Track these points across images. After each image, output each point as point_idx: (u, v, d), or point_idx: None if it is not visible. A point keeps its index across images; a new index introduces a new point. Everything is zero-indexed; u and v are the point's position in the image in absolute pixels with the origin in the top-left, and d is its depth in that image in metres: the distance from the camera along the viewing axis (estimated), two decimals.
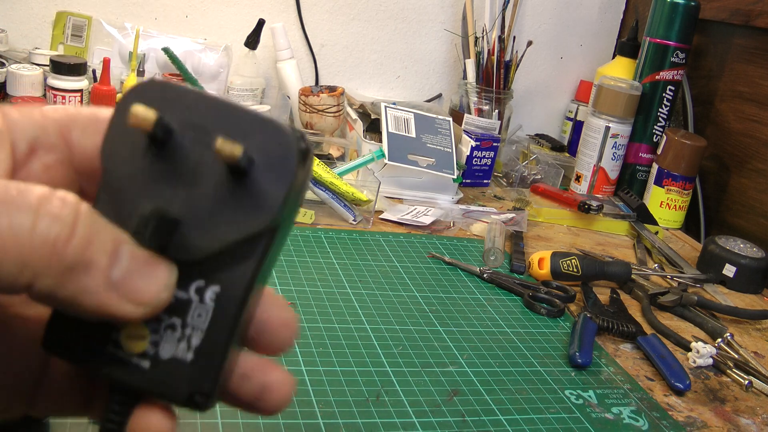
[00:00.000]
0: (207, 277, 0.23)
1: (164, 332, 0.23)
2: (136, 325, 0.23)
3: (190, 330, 0.23)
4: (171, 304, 0.23)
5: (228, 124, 0.23)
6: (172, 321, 0.23)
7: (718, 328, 0.82)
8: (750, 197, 1.16)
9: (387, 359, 0.64)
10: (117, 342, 0.23)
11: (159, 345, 0.23)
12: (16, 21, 1.19)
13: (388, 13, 1.37)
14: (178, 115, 0.23)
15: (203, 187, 0.23)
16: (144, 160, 0.23)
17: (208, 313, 0.23)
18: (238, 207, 0.23)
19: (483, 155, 1.22)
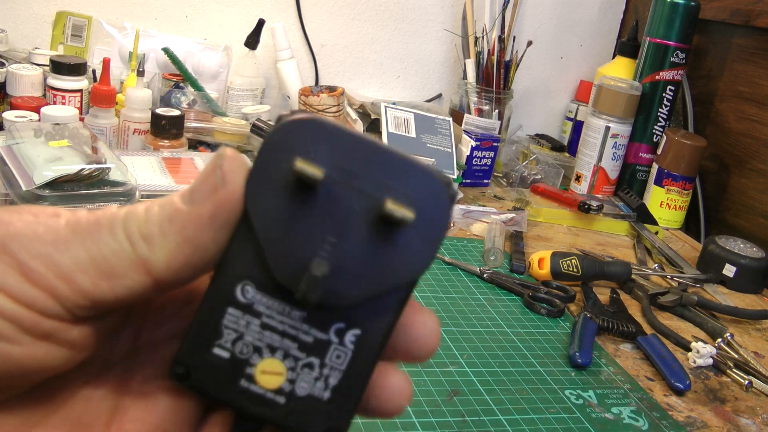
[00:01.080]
0: (348, 321, 0.24)
1: (302, 371, 0.24)
2: (274, 362, 0.24)
3: (328, 370, 0.24)
4: (310, 344, 0.24)
5: (379, 169, 0.23)
6: (310, 360, 0.24)
7: (718, 328, 0.82)
8: (750, 197, 1.16)
9: None
10: (251, 377, 0.24)
11: (295, 383, 0.24)
12: (16, 21, 1.19)
13: (388, 13, 1.37)
14: (329, 157, 0.23)
15: (354, 235, 0.23)
16: (291, 204, 0.23)
17: (347, 356, 0.24)
18: (389, 259, 0.23)
19: (483, 155, 1.22)
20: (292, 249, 0.23)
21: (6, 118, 0.89)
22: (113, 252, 0.21)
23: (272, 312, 0.24)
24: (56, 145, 0.78)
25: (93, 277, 0.21)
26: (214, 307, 0.24)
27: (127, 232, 0.22)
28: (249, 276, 0.23)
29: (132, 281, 0.22)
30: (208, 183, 0.22)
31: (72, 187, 0.73)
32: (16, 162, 0.75)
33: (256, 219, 0.23)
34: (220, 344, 0.24)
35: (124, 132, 0.99)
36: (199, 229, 0.22)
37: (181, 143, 0.97)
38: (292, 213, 0.23)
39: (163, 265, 0.22)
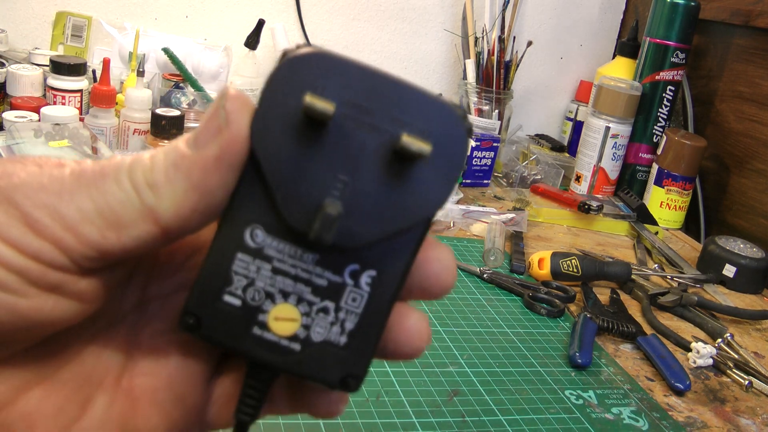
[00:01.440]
0: (363, 262, 0.23)
1: (316, 316, 0.23)
2: (287, 308, 0.23)
3: (344, 314, 0.23)
4: (324, 288, 0.23)
5: (391, 102, 0.22)
6: (325, 304, 0.23)
7: (718, 329, 0.82)
8: (750, 197, 1.16)
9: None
10: (264, 324, 0.23)
11: (310, 328, 0.23)
12: (16, 21, 1.19)
13: (388, 13, 1.37)
14: (338, 92, 0.22)
15: (367, 172, 0.22)
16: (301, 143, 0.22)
17: (363, 298, 0.23)
18: (405, 196, 0.22)
19: (483, 155, 1.22)
20: (302, 189, 0.22)
21: (6, 119, 0.89)
22: (119, 202, 0.21)
23: (283, 256, 0.23)
24: (56, 146, 0.78)
25: (100, 228, 0.21)
26: (222, 253, 0.23)
27: (132, 180, 0.21)
28: (258, 219, 0.23)
29: (140, 231, 0.21)
30: (212, 125, 0.21)
31: None
32: None
33: (264, 159, 0.22)
34: (231, 291, 0.23)
35: (124, 132, 0.99)
36: (205, 174, 0.21)
37: None
38: (302, 152, 0.22)
39: (170, 213, 0.21)
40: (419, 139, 0.22)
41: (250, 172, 0.22)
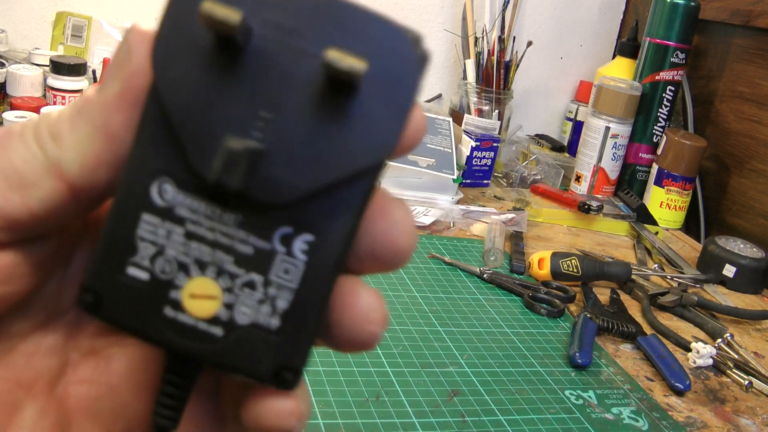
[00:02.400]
0: (296, 224, 0.18)
1: (240, 291, 0.19)
2: (204, 282, 0.18)
3: (275, 289, 0.19)
4: (250, 256, 0.18)
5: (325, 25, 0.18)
6: (250, 277, 0.18)
7: (718, 329, 0.82)
8: (750, 197, 1.16)
9: (387, 359, 0.64)
10: (177, 303, 0.18)
11: (234, 307, 0.19)
12: (16, 21, 1.19)
13: (388, 13, 1.37)
14: (256, 8, 0.18)
15: (295, 108, 0.18)
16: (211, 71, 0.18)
17: (297, 269, 0.19)
18: (343, 135, 0.18)
19: (483, 155, 1.22)
20: (214, 128, 0.18)
21: (6, 119, 0.89)
22: (22, 159, 0.18)
23: (199, 217, 0.18)
24: None
25: (2, 190, 0.18)
26: (124, 214, 0.18)
27: (36, 135, 0.19)
28: (166, 170, 0.18)
29: (44, 190, 0.18)
30: (115, 62, 0.19)
31: None
32: None
33: (167, 94, 0.18)
34: (136, 262, 0.19)
35: None
36: (107, 114, 0.18)
37: None
38: (214, 83, 0.18)
39: (74, 164, 0.18)
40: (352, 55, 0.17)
41: (153, 111, 0.18)
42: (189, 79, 0.18)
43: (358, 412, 0.56)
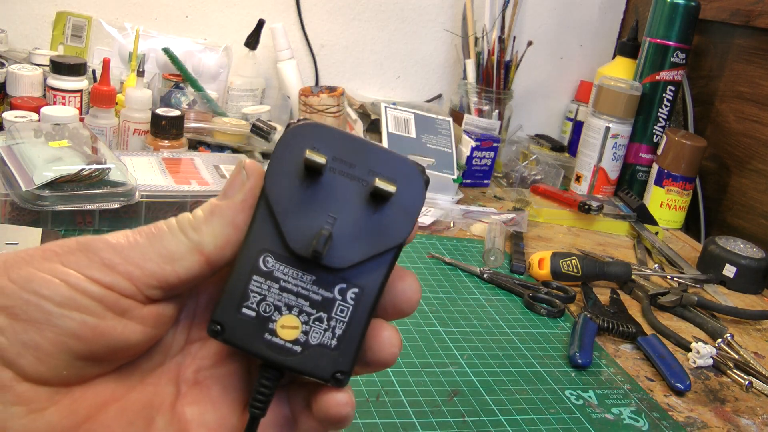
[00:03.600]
0: (348, 281, 0.29)
1: (313, 324, 0.29)
2: (291, 318, 0.29)
3: (335, 322, 0.29)
4: (319, 302, 0.29)
5: (367, 159, 0.30)
6: (320, 315, 0.29)
7: (718, 329, 0.82)
8: (750, 197, 1.16)
9: None
10: (273, 331, 0.29)
11: (308, 334, 0.29)
12: (16, 21, 1.19)
13: (388, 13, 1.37)
14: (328, 151, 0.29)
15: (350, 210, 0.29)
16: (301, 187, 0.29)
17: (348, 309, 0.29)
18: (379, 227, 0.29)
19: (483, 155, 1.22)
20: (302, 223, 0.29)
21: (6, 118, 0.89)
22: (172, 242, 0.28)
23: (288, 277, 0.29)
24: (56, 146, 0.78)
25: (158, 263, 0.28)
26: (242, 275, 0.29)
27: (181, 227, 0.29)
28: (269, 249, 0.29)
29: (189, 261, 0.28)
30: (237, 180, 0.30)
31: (72, 187, 0.73)
32: (16, 162, 0.75)
33: (274, 202, 0.29)
34: (248, 305, 0.29)
35: (124, 132, 0.99)
36: (235, 214, 0.29)
37: (181, 143, 0.97)
38: (302, 195, 0.29)
39: (211, 245, 0.29)
40: (388, 182, 0.29)
41: (263, 212, 0.29)
42: (287, 192, 0.29)
43: (358, 412, 0.56)
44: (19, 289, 0.26)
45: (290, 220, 0.29)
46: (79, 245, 0.28)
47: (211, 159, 0.93)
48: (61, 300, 0.27)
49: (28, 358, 0.26)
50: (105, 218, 0.78)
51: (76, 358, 0.27)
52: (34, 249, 0.28)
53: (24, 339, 0.26)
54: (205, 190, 0.82)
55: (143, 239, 0.28)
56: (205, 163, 0.91)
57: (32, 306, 0.26)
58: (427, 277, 0.83)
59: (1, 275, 0.27)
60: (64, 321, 0.27)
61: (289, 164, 0.29)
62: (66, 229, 0.77)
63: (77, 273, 0.27)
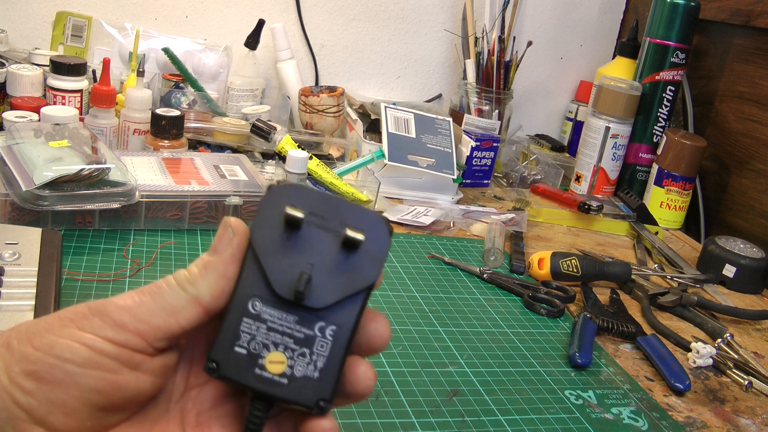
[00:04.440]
0: (326, 320, 0.33)
1: (297, 358, 0.33)
2: (278, 354, 0.33)
3: (316, 356, 0.33)
4: (302, 339, 0.33)
5: (339, 213, 0.34)
6: (303, 350, 0.33)
7: (718, 329, 0.82)
8: (750, 197, 1.16)
9: (387, 359, 0.64)
10: (262, 366, 0.33)
11: (294, 367, 0.33)
12: (16, 21, 1.19)
13: (388, 13, 1.37)
14: (305, 207, 0.34)
15: (326, 258, 0.33)
16: (282, 240, 0.33)
17: (328, 345, 0.33)
18: (351, 272, 0.33)
19: (483, 155, 1.22)
20: (285, 269, 0.33)
21: (6, 118, 0.89)
22: (173, 297, 0.32)
23: (274, 318, 0.33)
24: (56, 146, 0.78)
25: (163, 317, 0.32)
26: (234, 318, 0.33)
27: (179, 283, 0.33)
28: (257, 294, 0.33)
29: (189, 312, 0.32)
30: (225, 237, 0.33)
31: (72, 187, 0.73)
32: (16, 162, 0.75)
33: (259, 252, 0.33)
34: (239, 344, 0.33)
35: (124, 132, 0.99)
36: (226, 267, 0.33)
37: (181, 143, 0.97)
38: (284, 245, 0.33)
39: (208, 296, 0.32)
40: (357, 232, 0.33)
41: (250, 263, 0.33)
42: (271, 243, 0.33)
43: (358, 412, 0.56)
44: (44, 354, 0.30)
45: (274, 267, 0.33)
46: (91, 310, 0.31)
47: (211, 159, 0.93)
48: (82, 361, 0.30)
49: (57, 414, 0.30)
50: (105, 218, 0.78)
51: (98, 410, 0.31)
52: (51, 317, 0.32)
53: (51, 398, 0.30)
54: (205, 190, 0.82)
55: (147, 298, 0.32)
56: (205, 163, 0.91)
57: (57, 369, 0.30)
58: (427, 277, 0.83)
59: (25, 344, 0.30)
60: (86, 379, 0.30)
61: (271, 219, 0.33)
62: (66, 228, 0.77)
63: (93, 335, 0.31)
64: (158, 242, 0.78)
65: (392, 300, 0.76)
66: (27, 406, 0.30)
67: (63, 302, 0.61)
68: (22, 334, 0.31)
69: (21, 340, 0.31)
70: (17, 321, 0.35)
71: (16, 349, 0.30)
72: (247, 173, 0.90)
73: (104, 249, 0.75)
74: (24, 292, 0.56)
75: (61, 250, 0.67)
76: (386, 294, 0.77)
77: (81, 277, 0.68)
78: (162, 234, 0.80)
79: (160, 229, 0.81)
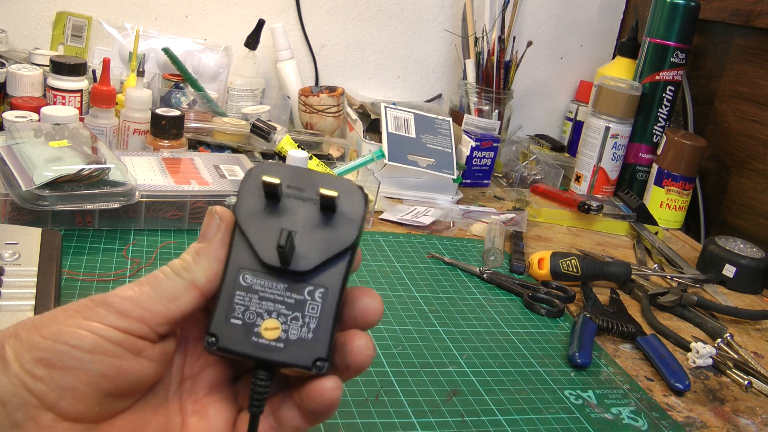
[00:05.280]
0: (314, 284, 0.35)
1: (291, 323, 0.34)
2: (272, 321, 0.34)
3: (308, 318, 0.35)
4: (293, 304, 0.35)
5: (314, 182, 0.36)
6: (295, 314, 0.35)
7: (717, 329, 0.82)
8: (750, 197, 1.16)
9: (386, 359, 0.64)
10: (259, 333, 0.34)
11: (288, 331, 0.34)
12: (16, 21, 1.19)
13: (388, 13, 1.37)
14: (282, 179, 0.36)
15: (307, 222, 0.35)
16: (265, 212, 0.35)
17: (318, 306, 0.35)
18: (332, 233, 0.35)
19: (483, 155, 1.22)
20: (269, 238, 0.35)
21: (6, 118, 0.89)
22: (171, 285, 0.34)
23: (265, 288, 0.35)
24: (56, 146, 0.78)
25: (164, 303, 0.34)
26: (227, 293, 0.35)
27: (175, 271, 0.35)
28: (246, 267, 0.35)
29: (188, 297, 0.34)
30: (212, 224, 0.36)
31: (72, 187, 0.73)
32: (16, 162, 0.75)
33: (244, 226, 0.35)
34: (235, 316, 0.34)
35: (124, 132, 0.99)
36: (216, 250, 0.35)
37: (181, 143, 0.97)
38: (266, 217, 0.35)
39: (203, 279, 0.35)
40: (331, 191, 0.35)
41: (237, 241, 0.35)
42: (254, 216, 0.35)
43: (358, 412, 0.56)
44: (53, 342, 0.31)
45: (258, 237, 0.35)
46: (94, 302, 0.33)
47: (211, 159, 0.93)
48: (89, 347, 0.31)
49: (67, 399, 0.31)
50: (105, 218, 0.78)
51: (106, 395, 0.32)
52: (55, 310, 0.33)
53: (62, 384, 0.31)
54: (205, 190, 0.82)
55: (147, 287, 0.34)
56: (205, 163, 0.91)
57: (66, 355, 0.31)
58: (427, 277, 0.83)
59: (33, 333, 0.32)
60: (94, 365, 0.32)
61: (252, 196, 0.36)
62: (66, 228, 0.77)
63: (99, 324, 0.32)
64: (158, 242, 0.78)
65: (392, 300, 0.76)
66: (38, 392, 0.31)
67: (63, 302, 0.61)
68: (29, 326, 0.32)
69: (29, 330, 0.32)
70: (17, 321, 0.35)
71: (25, 339, 0.31)
72: None
73: (104, 249, 0.75)
74: (24, 292, 0.57)
75: (61, 250, 0.67)
76: (386, 294, 0.77)
77: (81, 277, 0.68)
78: (162, 234, 0.80)
79: (160, 229, 0.81)
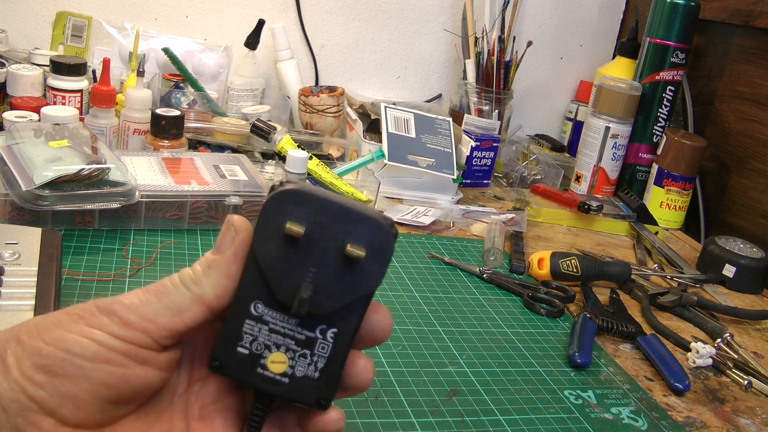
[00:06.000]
0: (327, 323, 0.34)
1: (298, 359, 0.34)
2: (279, 355, 0.34)
3: (317, 357, 0.34)
4: (303, 340, 0.34)
5: (343, 222, 0.33)
6: (304, 351, 0.34)
7: (717, 329, 0.82)
8: (750, 197, 1.16)
9: (386, 359, 0.64)
10: (264, 366, 0.34)
11: (294, 367, 0.34)
12: (16, 21, 1.19)
13: (388, 13, 1.37)
14: (307, 216, 0.33)
15: (328, 265, 0.33)
16: (283, 247, 0.33)
17: (329, 346, 0.34)
18: (352, 280, 0.33)
19: (483, 155, 1.22)
20: (286, 277, 0.33)
21: (6, 118, 0.89)
22: (178, 297, 0.33)
23: (276, 320, 0.34)
24: (56, 145, 0.78)
25: (168, 316, 0.32)
26: (236, 319, 0.34)
27: (183, 282, 0.33)
28: (259, 297, 0.33)
29: (194, 312, 0.33)
30: (228, 236, 0.34)
31: (72, 187, 0.73)
32: (16, 162, 0.75)
33: (261, 260, 0.33)
34: (242, 344, 0.34)
35: (124, 132, 0.99)
36: (229, 266, 0.33)
37: (181, 143, 0.97)
38: (285, 253, 0.33)
39: (212, 295, 0.33)
40: (358, 247, 0.33)
41: (252, 265, 0.33)
42: (273, 251, 0.33)
43: (358, 411, 0.56)
44: (55, 349, 0.31)
45: (276, 276, 0.33)
46: (98, 308, 0.32)
47: (211, 159, 0.93)
48: (91, 356, 0.31)
49: (68, 406, 0.31)
50: (105, 218, 0.78)
51: (107, 402, 0.32)
52: (59, 313, 0.32)
53: (62, 391, 0.31)
54: (205, 190, 0.82)
55: (153, 297, 0.33)
56: (204, 163, 0.91)
57: (68, 363, 0.31)
58: (427, 277, 0.83)
59: (36, 338, 0.31)
60: (95, 373, 0.31)
61: (273, 227, 0.33)
62: (66, 228, 0.77)
63: (102, 332, 0.31)
64: (158, 242, 0.78)
65: (392, 300, 0.76)
66: (38, 399, 0.31)
67: (63, 302, 0.61)
68: (32, 329, 0.32)
69: (31, 335, 0.31)
70: (17, 321, 0.35)
71: (27, 344, 0.31)
72: (247, 173, 0.90)
73: (104, 249, 0.75)
74: (24, 292, 0.57)
75: (61, 250, 0.67)
76: (386, 294, 0.77)
77: (81, 277, 0.68)
78: (162, 234, 0.80)
79: (160, 229, 0.81)
